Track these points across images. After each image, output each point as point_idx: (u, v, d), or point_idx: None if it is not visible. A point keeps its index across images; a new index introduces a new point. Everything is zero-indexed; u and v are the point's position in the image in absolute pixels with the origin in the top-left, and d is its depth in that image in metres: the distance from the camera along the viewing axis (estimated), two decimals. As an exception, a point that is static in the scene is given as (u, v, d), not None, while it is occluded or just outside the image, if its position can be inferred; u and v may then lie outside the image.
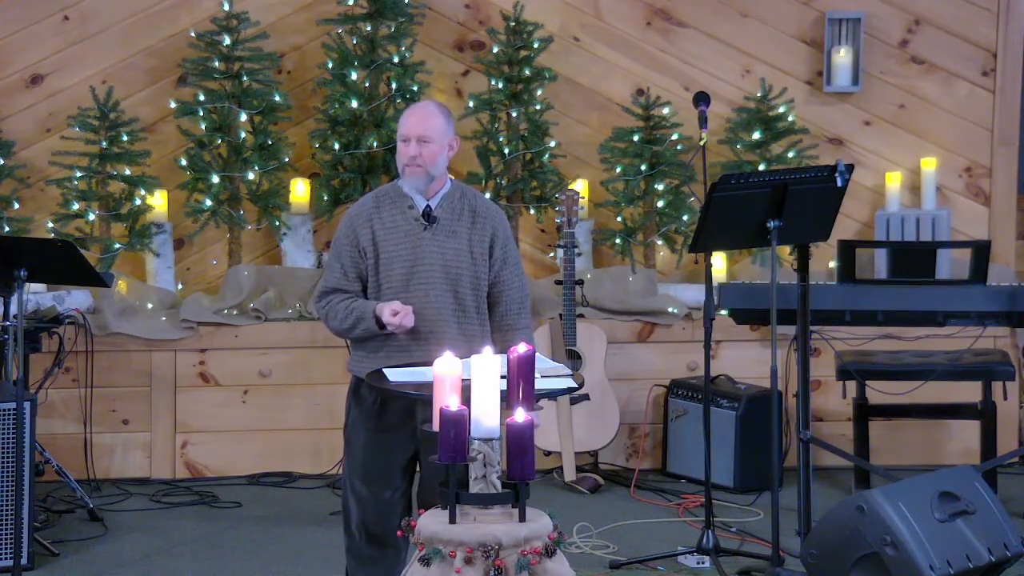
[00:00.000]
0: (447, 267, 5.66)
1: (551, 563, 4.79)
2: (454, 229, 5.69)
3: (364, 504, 5.73)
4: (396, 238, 5.67)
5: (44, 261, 6.64)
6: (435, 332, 5.63)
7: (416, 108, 5.79)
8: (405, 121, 5.73)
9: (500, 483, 4.84)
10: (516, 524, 4.78)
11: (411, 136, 5.68)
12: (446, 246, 5.68)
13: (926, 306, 7.64)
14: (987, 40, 8.85)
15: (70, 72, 8.59)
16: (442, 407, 4.80)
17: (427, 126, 5.69)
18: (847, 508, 6.05)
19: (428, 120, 5.70)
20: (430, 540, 4.80)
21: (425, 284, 5.64)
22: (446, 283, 5.66)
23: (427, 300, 5.63)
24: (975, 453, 8.07)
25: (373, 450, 5.69)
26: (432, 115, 5.73)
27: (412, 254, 5.65)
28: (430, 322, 5.63)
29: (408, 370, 5.48)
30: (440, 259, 5.66)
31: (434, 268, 5.64)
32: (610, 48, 8.85)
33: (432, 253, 5.66)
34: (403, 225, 5.68)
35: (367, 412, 5.70)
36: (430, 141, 5.68)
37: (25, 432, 6.75)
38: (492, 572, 4.71)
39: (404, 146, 5.69)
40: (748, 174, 6.65)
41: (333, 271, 5.75)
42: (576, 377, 5.52)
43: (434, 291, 5.64)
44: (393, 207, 5.71)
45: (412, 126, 5.69)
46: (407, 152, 5.67)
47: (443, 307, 5.65)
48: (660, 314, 8.48)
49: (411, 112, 5.77)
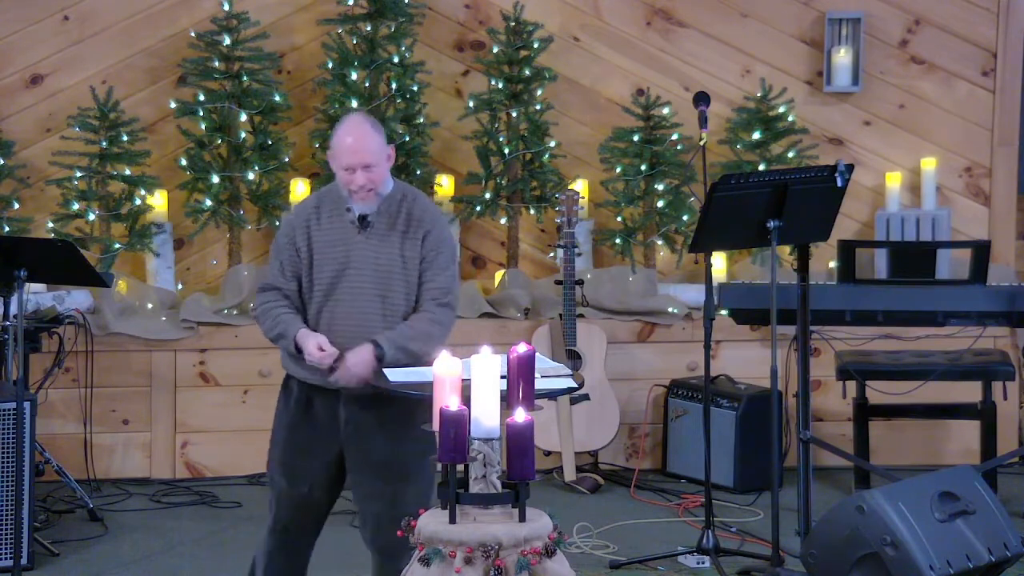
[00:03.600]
0: (378, 272, 5.57)
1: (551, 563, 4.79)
2: (388, 234, 5.59)
3: (280, 497, 5.72)
4: (330, 241, 5.60)
5: (44, 261, 6.64)
6: (358, 336, 5.55)
7: (350, 131, 5.56)
8: (343, 150, 5.53)
9: (500, 483, 4.84)
10: (516, 524, 4.78)
11: (354, 166, 5.53)
12: (379, 251, 5.59)
13: (926, 306, 7.64)
14: (987, 40, 8.85)
15: (70, 72, 8.59)
16: (442, 407, 4.80)
17: (367, 152, 5.52)
18: (847, 508, 6.05)
19: (366, 144, 5.53)
20: (430, 540, 4.80)
21: (352, 288, 5.57)
22: (375, 288, 5.57)
23: (353, 304, 5.56)
24: (975, 453, 8.07)
25: (294, 445, 5.67)
26: (367, 136, 5.54)
27: (344, 257, 5.58)
28: (357, 327, 5.56)
29: (408, 370, 5.48)
30: (372, 263, 5.57)
31: (364, 272, 5.57)
32: (610, 48, 8.85)
33: (364, 258, 5.58)
34: (339, 228, 5.61)
35: (292, 407, 5.68)
36: (374, 165, 5.54)
37: (25, 432, 6.75)
38: (492, 572, 4.70)
39: (348, 175, 5.53)
40: (748, 174, 6.66)
41: (272, 268, 5.72)
42: (576, 377, 5.52)
43: (362, 295, 5.56)
44: (332, 210, 5.63)
45: (352, 156, 5.52)
46: (355, 182, 5.52)
47: (370, 311, 5.57)
48: (660, 314, 8.48)
49: (345, 136, 5.55)
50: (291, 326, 5.58)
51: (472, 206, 8.65)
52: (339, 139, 5.57)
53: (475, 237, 8.88)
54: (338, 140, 5.58)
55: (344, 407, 5.59)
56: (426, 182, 8.68)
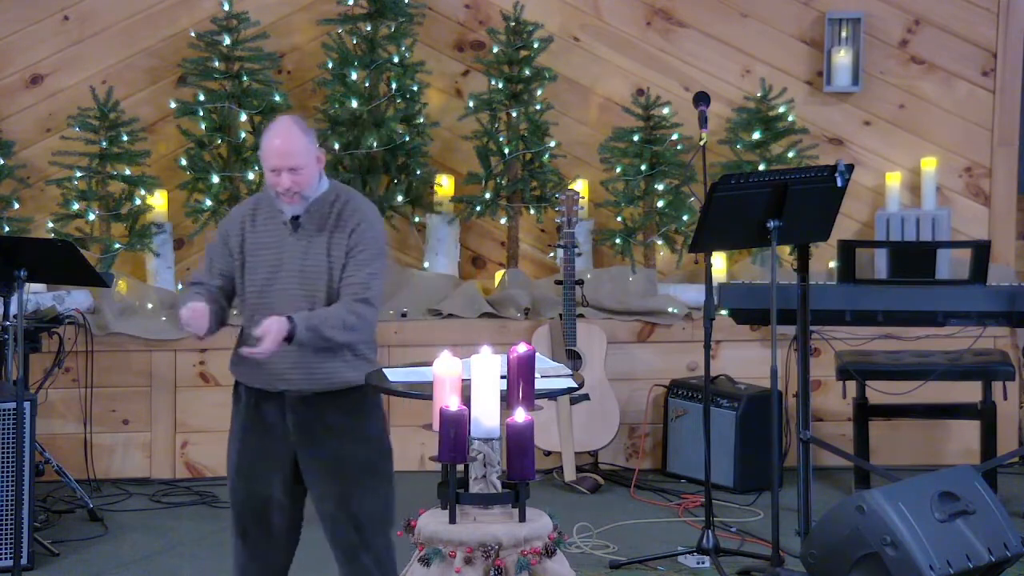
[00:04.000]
0: (305, 273, 5.52)
1: (551, 563, 4.80)
2: (317, 235, 5.54)
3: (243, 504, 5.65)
4: (263, 243, 5.56)
5: (44, 261, 6.64)
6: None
7: (277, 133, 5.51)
8: (270, 152, 5.48)
9: (500, 483, 4.84)
10: (516, 524, 4.78)
11: (280, 168, 5.48)
12: (307, 252, 5.53)
13: (926, 306, 7.64)
14: (987, 40, 8.85)
15: (70, 72, 8.60)
16: (442, 407, 4.80)
17: (293, 154, 5.47)
18: (847, 508, 6.05)
19: (292, 147, 5.48)
20: (430, 540, 4.80)
21: (283, 290, 5.51)
22: (302, 290, 5.51)
23: (282, 307, 5.48)
24: (975, 453, 8.07)
25: (250, 449, 5.62)
26: (294, 139, 5.49)
27: (276, 260, 5.54)
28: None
29: (408, 370, 5.48)
30: (300, 265, 5.53)
31: (293, 275, 5.52)
32: (610, 48, 8.85)
33: (293, 260, 5.53)
34: (273, 231, 5.56)
35: (243, 412, 5.63)
36: (301, 168, 5.49)
37: (25, 432, 6.75)
38: (492, 572, 4.71)
39: (275, 177, 5.49)
40: (748, 174, 6.65)
41: (202, 266, 5.75)
42: (576, 377, 5.52)
43: (291, 298, 5.50)
44: (267, 212, 5.59)
45: (279, 158, 5.47)
46: (280, 184, 5.48)
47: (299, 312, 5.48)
48: (660, 314, 8.48)
49: (272, 138, 5.51)
50: (184, 300, 5.53)
51: (472, 206, 8.65)
52: (266, 141, 5.51)
53: (475, 237, 8.88)
54: (265, 142, 5.51)
55: (290, 410, 5.53)
56: (426, 182, 8.69)
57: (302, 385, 5.50)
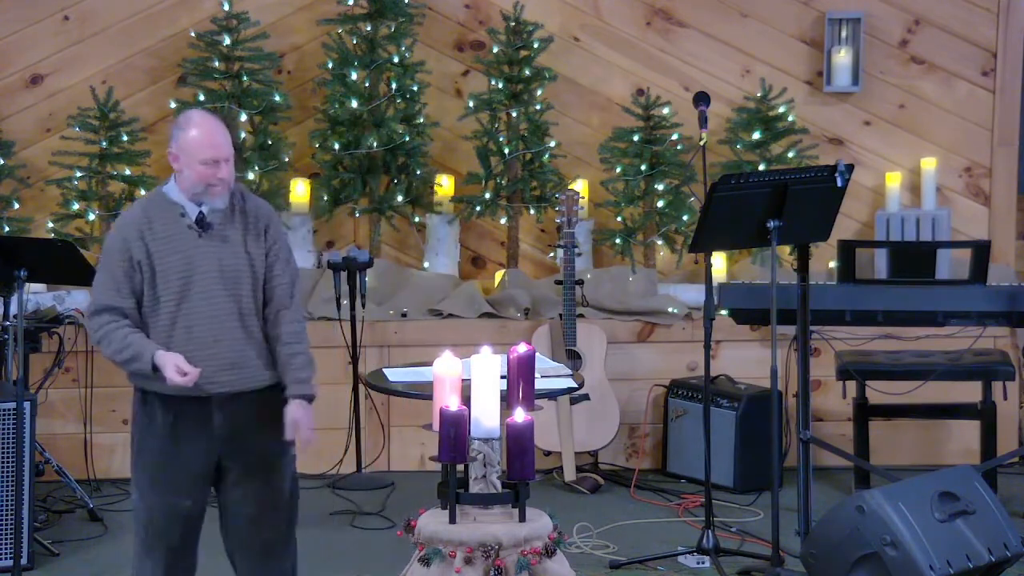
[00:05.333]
0: (224, 272, 5.42)
1: (551, 563, 4.80)
2: (228, 233, 5.45)
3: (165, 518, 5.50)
4: (170, 249, 5.41)
5: (44, 261, 6.64)
6: (220, 339, 5.42)
7: (213, 127, 5.44)
8: (206, 144, 5.39)
9: (500, 483, 4.84)
10: (516, 524, 4.79)
11: (219, 159, 5.41)
12: (222, 251, 5.43)
13: (926, 306, 7.64)
14: (987, 40, 8.85)
15: (70, 72, 8.60)
16: (442, 407, 4.81)
17: (228, 145, 5.44)
18: (847, 508, 6.05)
19: (224, 136, 5.44)
20: (430, 540, 4.80)
21: (203, 292, 5.40)
22: (224, 289, 5.42)
23: (206, 309, 5.41)
24: (975, 453, 8.07)
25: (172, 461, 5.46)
26: (224, 131, 5.45)
27: (188, 264, 5.40)
28: (215, 330, 5.41)
29: (408, 370, 5.48)
30: (217, 265, 5.42)
31: (211, 275, 5.41)
32: (610, 48, 8.85)
33: (208, 260, 5.41)
34: (177, 234, 5.42)
35: (160, 423, 5.47)
36: (230, 159, 5.46)
37: (25, 432, 6.75)
38: (492, 572, 4.71)
39: (210, 169, 5.39)
40: (748, 174, 6.65)
41: (105, 287, 5.40)
42: (576, 377, 5.52)
43: (214, 298, 5.41)
44: (164, 216, 5.45)
45: (217, 149, 5.40)
46: (219, 175, 5.40)
47: (224, 313, 5.42)
48: (660, 314, 8.48)
49: (211, 132, 5.42)
50: (144, 348, 5.35)
51: (472, 206, 8.65)
52: (202, 132, 5.40)
53: (475, 237, 8.88)
54: (199, 134, 5.40)
55: (218, 409, 5.43)
56: (426, 182, 8.69)
57: (234, 386, 5.41)
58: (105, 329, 5.39)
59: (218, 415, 5.41)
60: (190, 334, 5.37)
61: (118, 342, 5.38)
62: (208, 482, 5.50)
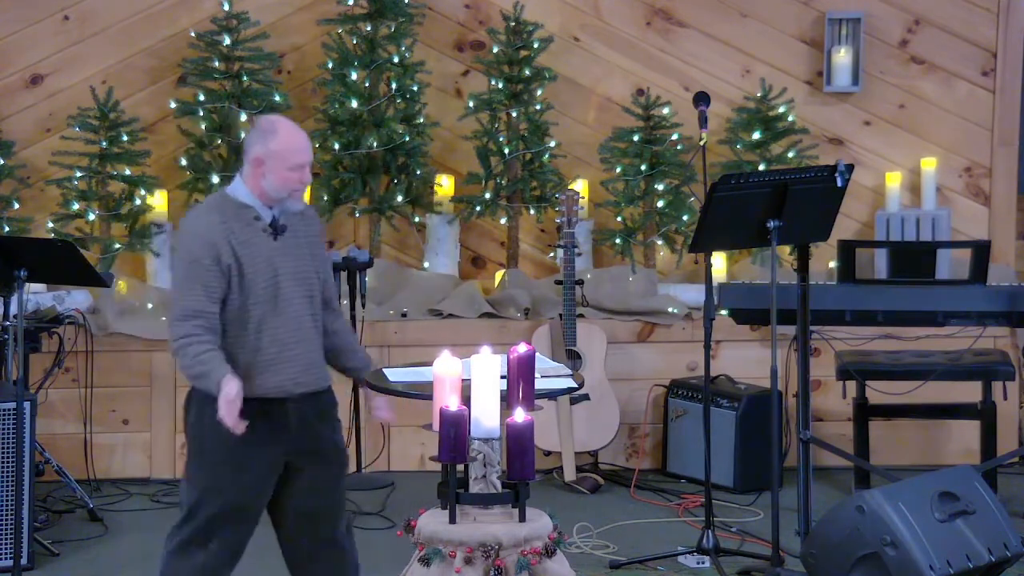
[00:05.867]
0: (298, 275, 5.50)
1: (551, 563, 4.80)
2: (295, 236, 5.54)
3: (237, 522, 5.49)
4: (254, 253, 5.44)
5: (44, 261, 6.64)
6: (301, 341, 5.49)
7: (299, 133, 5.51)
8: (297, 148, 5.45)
9: (500, 483, 4.84)
10: (516, 524, 4.79)
11: (306, 164, 5.48)
12: (296, 254, 5.51)
13: (926, 306, 7.64)
14: (987, 40, 8.85)
15: (70, 72, 8.60)
16: (442, 407, 4.81)
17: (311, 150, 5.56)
18: (847, 508, 6.05)
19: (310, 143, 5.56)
20: (430, 540, 4.80)
21: (286, 296, 5.47)
22: (301, 292, 5.50)
23: (289, 312, 5.47)
24: (975, 453, 8.07)
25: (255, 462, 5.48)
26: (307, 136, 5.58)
27: (272, 269, 5.45)
28: (296, 332, 5.48)
29: (408, 370, 5.48)
30: (293, 268, 5.49)
31: (290, 278, 5.48)
32: (610, 48, 8.85)
33: (287, 264, 5.48)
34: (256, 239, 5.45)
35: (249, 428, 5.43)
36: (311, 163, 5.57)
37: (25, 432, 6.75)
38: (492, 572, 4.71)
39: (299, 173, 5.45)
40: (748, 174, 6.65)
41: (194, 293, 5.36)
42: (576, 377, 5.52)
43: (294, 302, 5.48)
44: (239, 220, 5.46)
45: (306, 154, 5.47)
46: (303, 180, 5.47)
47: (302, 315, 5.50)
48: (660, 314, 8.48)
49: (297, 135, 5.49)
50: (217, 368, 5.32)
51: (472, 206, 8.65)
52: (291, 139, 5.46)
53: (475, 237, 8.88)
54: (290, 140, 5.45)
55: (294, 410, 5.48)
56: (426, 182, 8.69)
57: (310, 386, 5.49)
58: (184, 341, 5.36)
59: (294, 416, 5.48)
60: (276, 337, 5.44)
61: (190, 358, 5.36)
62: (275, 482, 5.55)
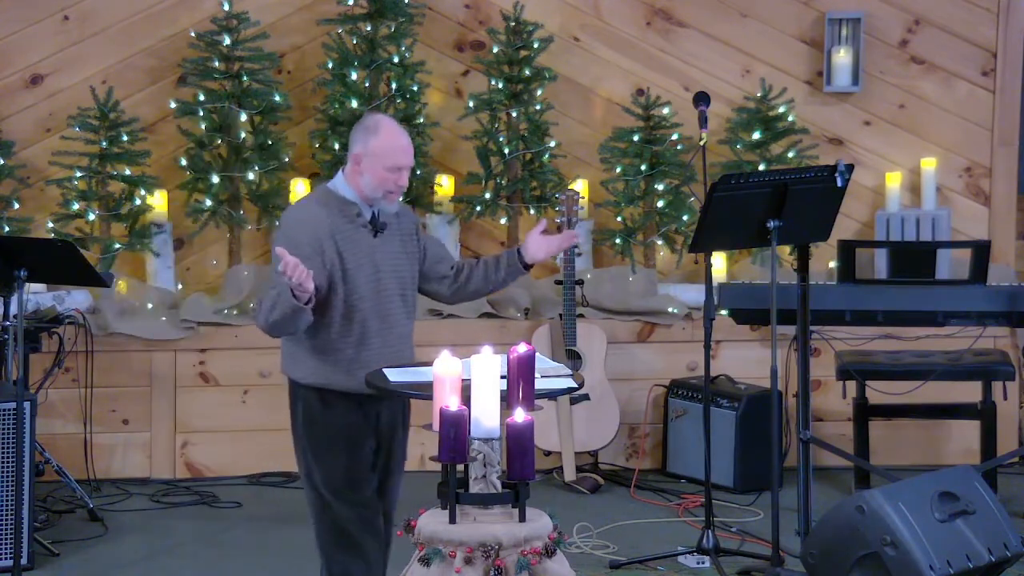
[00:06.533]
0: (396, 271, 5.61)
1: (551, 563, 4.80)
2: (394, 235, 5.64)
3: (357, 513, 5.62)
4: (357, 250, 5.53)
5: (44, 261, 6.64)
6: (402, 336, 5.62)
7: (399, 132, 5.58)
8: (398, 150, 5.53)
9: (500, 483, 4.84)
10: (516, 524, 4.78)
11: (405, 167, 5.56)
12: (394, 253, 5.62)
13: (926, 306, 7.64)
14: (987, 40, 8.85)
15: (70, 72, 8.60)
16: (442, 407, 4.80)
17: (412, 155, 5.62)
18: (847, 508, 6.05)
19: (412, 147, 5.62)
20: (430, 540, 4.80)
21: (386, 294, 5.58)
22: (398, 289, 5.61)
23: (387, 309, 5.57)
24: (975, 453, 8.08)
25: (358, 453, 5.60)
26: (411, 141, 5.63)
27: (374, 266, 5.55)
28: (394, 328, 5.59)
29: (408, 370, 5.48)
30: (391, 264, 5.60)
31: (389, 276, 5.58)
32: (610, 48, 8.85)
33: (384, 260, 5.58)
34: (357, 235, 5.54)
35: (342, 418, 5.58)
36: (410, 168, 5.63)
37: (25, 432, 6.75)
38: (492, 572, 4.71)
39: (395, 175, 5.53)
40: (748, 174, 6.65)
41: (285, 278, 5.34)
42: (576, 377, 5.52)
43: (392, 299, 5.59)
44: (342, 215, 5.55)
45: (407, 156, 5.56)
46: (400, 182, 5.54)
47: (398, 313, 5.61)
48: (660, 314, 8.48)
49: (398, 137, 5.57)
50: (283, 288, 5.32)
51: (472, 206, 8.65)
52: (391, 139, 5.54)
53: (475, 237, 8.88)
54: (390, 140, 5.54)
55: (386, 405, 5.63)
56: (426, 182, 8.69)
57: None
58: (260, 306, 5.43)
59: (385, 411, 5.63)
60: (377, 332, 5.54)
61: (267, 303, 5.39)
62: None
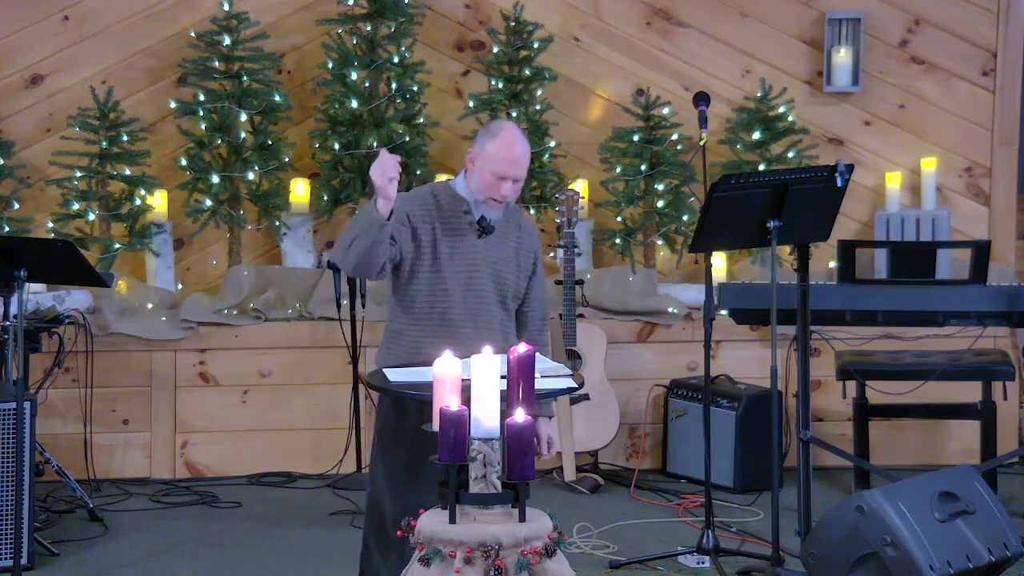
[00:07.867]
0: (497, 276, 5.66)
1: (551, 563, 4.79)
2: (504, 241, 5.67)
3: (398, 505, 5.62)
4: (455, 242, 5.59)
5: (44, 261, 6.64)
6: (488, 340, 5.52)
7: (517, 140, 5.52)
8: (507, 159, 5.49)
9: (500, 483, 4.84)
10: (516, 524, 4.78)
11: (511, 177, 5.53)
12: (497, 256, 5.66)
13: (926, 306, 7.64)
14: (987, 40, 8.85)
15: (70, 72, 8.60)
16: (442, 407, 4.80)
17: (525, 167, 5.56)
18: (847, 508, 6.05)
19: (527, 159, 5.55)
20: (430, 540, 4.80)
21: (479, 295, 5.63)
22: (496, 294, 5.66)
23: (478, 308, 5.63)
24: (975, 453, 8.08)
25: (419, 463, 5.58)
26: (527, 151, 5.55)
27: (467, 259, 5.62)
28: (480, 330, 5.62)
29: (408, 370, 5.48)
30: (492, 268, 5.64)
31: (486, 279, 5.63)
32: (610, 48, 8.85)
33: (485, 261, 5.63)
34: (460, 231, 5.61)
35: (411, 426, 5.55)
36: (520, 181, 5.58)
37: (25, 432, 6.74)
38: (492, 572, 4.70)
39: (496, 182, 5.52)
40: (748, 174, 6.65)
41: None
42: (576, 377, 5.52)
43: (486, 300, 5.64)
44: (451, 208, 5.63)
45: (514, 167, 5.51)
46: (501, 191, 5.52)
47: (493, 315, 5.66)
48: (660, 314, 8.48)
49: (513, 144, 5.52)
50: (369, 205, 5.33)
51: (472, 206, 8.64)
52: (505, 145, 5.52)
53: (475, 237, 8.88)
54: (503, 146, 5.52)
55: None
56: (426, 182, 8.68)
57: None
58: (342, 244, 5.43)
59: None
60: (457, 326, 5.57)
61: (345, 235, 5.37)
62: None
